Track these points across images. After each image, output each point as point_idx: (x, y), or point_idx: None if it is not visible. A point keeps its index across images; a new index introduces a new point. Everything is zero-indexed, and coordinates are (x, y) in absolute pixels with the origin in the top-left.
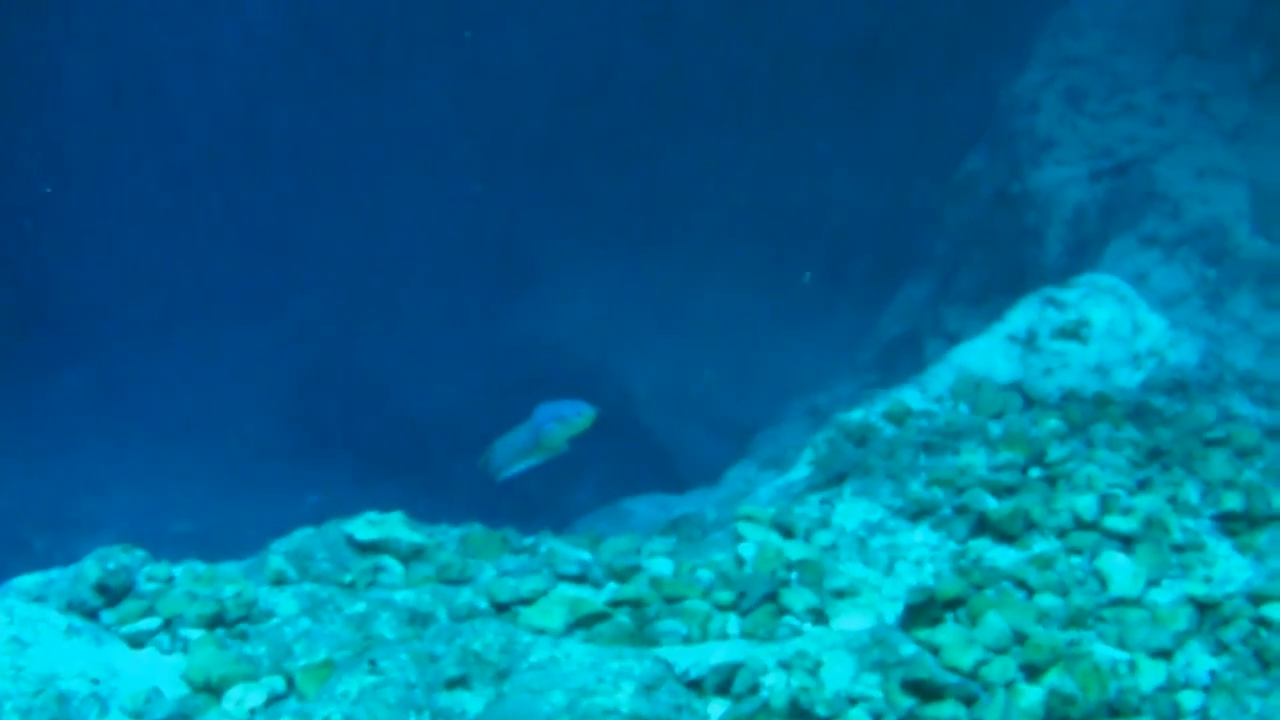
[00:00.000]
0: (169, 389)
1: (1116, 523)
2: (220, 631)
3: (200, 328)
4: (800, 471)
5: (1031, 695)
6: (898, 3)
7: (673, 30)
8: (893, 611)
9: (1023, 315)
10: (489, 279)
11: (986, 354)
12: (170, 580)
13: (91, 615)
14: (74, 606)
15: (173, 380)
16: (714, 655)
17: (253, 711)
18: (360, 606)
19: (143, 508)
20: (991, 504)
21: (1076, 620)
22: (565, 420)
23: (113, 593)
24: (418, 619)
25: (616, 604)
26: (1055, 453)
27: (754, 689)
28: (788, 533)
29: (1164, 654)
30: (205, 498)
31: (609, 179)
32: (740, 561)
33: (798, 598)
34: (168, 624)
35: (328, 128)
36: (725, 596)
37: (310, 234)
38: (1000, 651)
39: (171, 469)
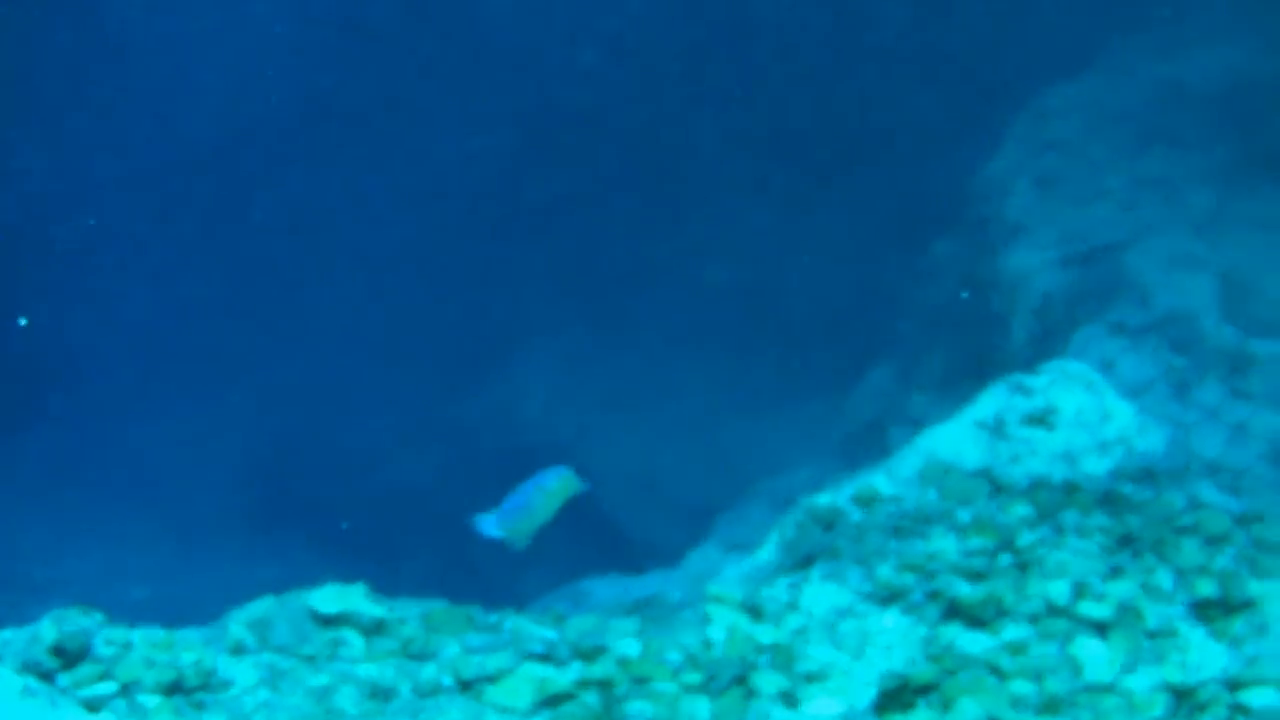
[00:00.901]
0: (130, 454)
1: (1090, 609)
2: (178, 699)
3: (163, 393)
4: (767, 554)
5: None
6: (871, 85)
7: (642, 111)
8: (864, 696)
9: (991, 401)
10: (453, 356)
11: (954, 440)
12: (128, 645)
13: (47, 677)
14: (29, 667)
15: (134, 445)
16: None
17: None
18: (322, 679)
19: (99, 571)
20: (963, 589)
21: (1051, 706)
22: (561, 480)
23: (69, 655)
24: (380, 693)
25: (584, 684)
26: (1025, 539)
27: None
28: (757, 615)
29: None
30: (163, 564)
31: (576, 259)
32: (709, 643)
33: (768, 681)
34: (125, 689)
35: (291, 205)
36: (694, 678)
37: (276, 304)
38: None
39: (130, 534)
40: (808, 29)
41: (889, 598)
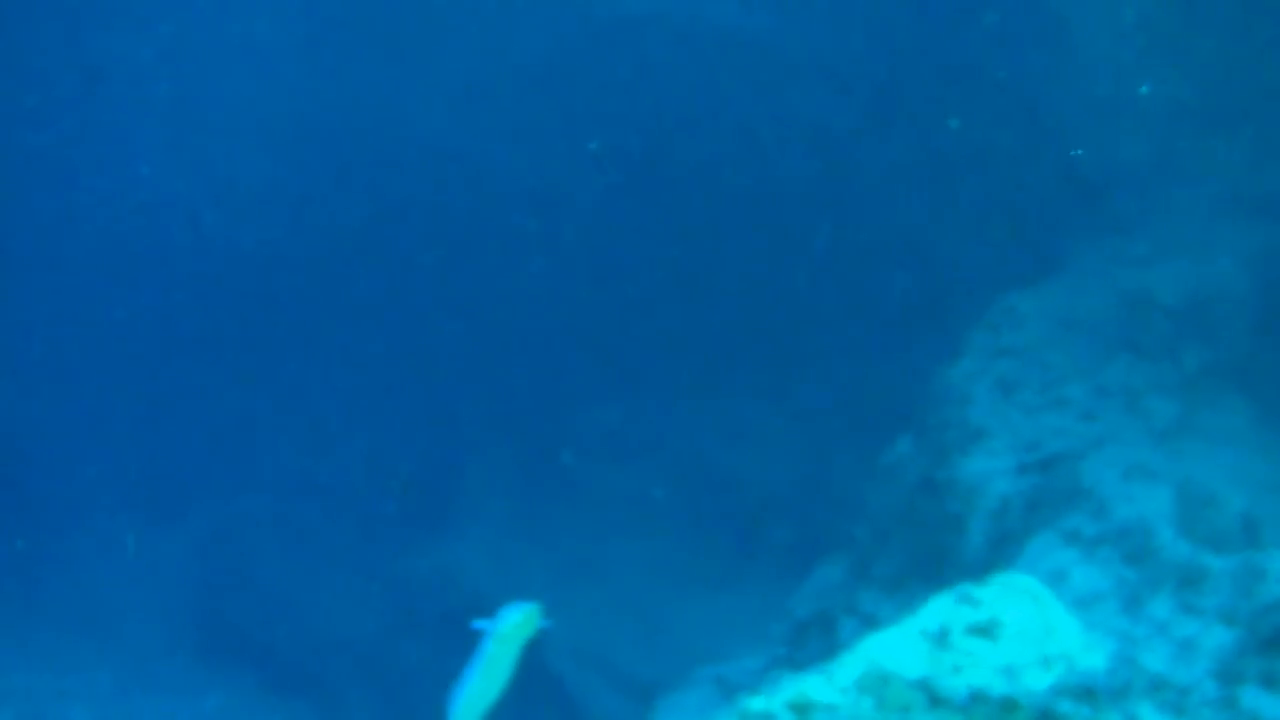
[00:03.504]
0: (76, 580)
1: None
2: None
3: (110, 521)
4: None
5: None
6: (836, 283)
7: (596, 293)
8: None
9: (936, 611)
10: (400, 510)
11: (896, 647)
12: None
13: None
14: None
15: (81, 572)
16: None
17: None
18: None
19: (42, 694)
20: None
21: None
22: (511, 626)
23: None
24: None
25: None
26: None
27: None
28: None
29: None
30: (105, 690)
31: (524, 424)
32: None
33: None
34: None
35: (242, 361)
36: None
37: (226, 441)
38: None
39: (73, 658)
40: (777, 229)
41: None
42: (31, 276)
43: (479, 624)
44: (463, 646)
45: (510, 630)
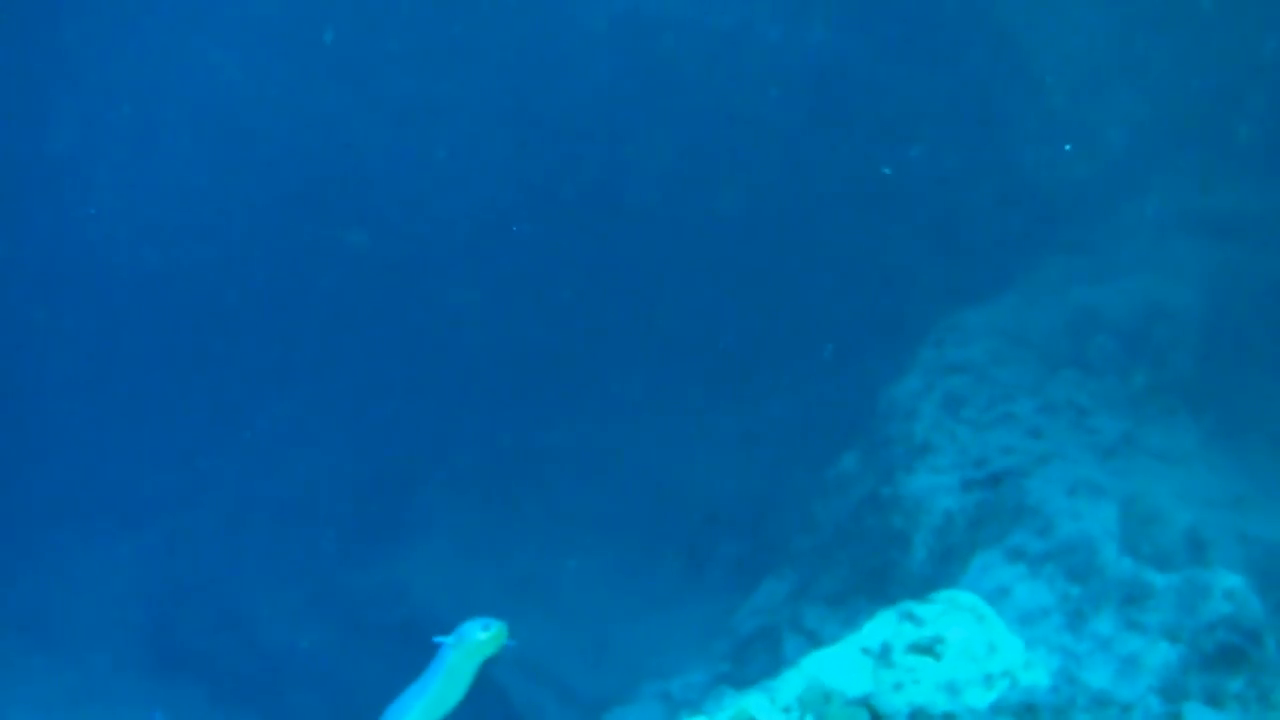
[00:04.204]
0: (27, 591)
1: None
2: None
3: (61, 532)
4: None
5: None
6: (785, 296)
7: (546, 304)
8: None
9: (878, 628)
10: (349, 529)
11: (839, 664)
12: None
13: None
14: None
15: (32, 583)
16: None
17: None
18: None
19: None
20: None
21: None
22: (469, 642)
23: None
24: None
25: None
26: None
27: None
28: None
29: None
30: (55, 699)
31: (476, 441)
32: None
33: None
34: None
35: (194, 377)
36: None
37: (178, 455)
38: None
39: (24, 668)
40: (727, 246)
41: None
42: None
43: (441, 639)
44: (413, 660)
45: (474, 646)
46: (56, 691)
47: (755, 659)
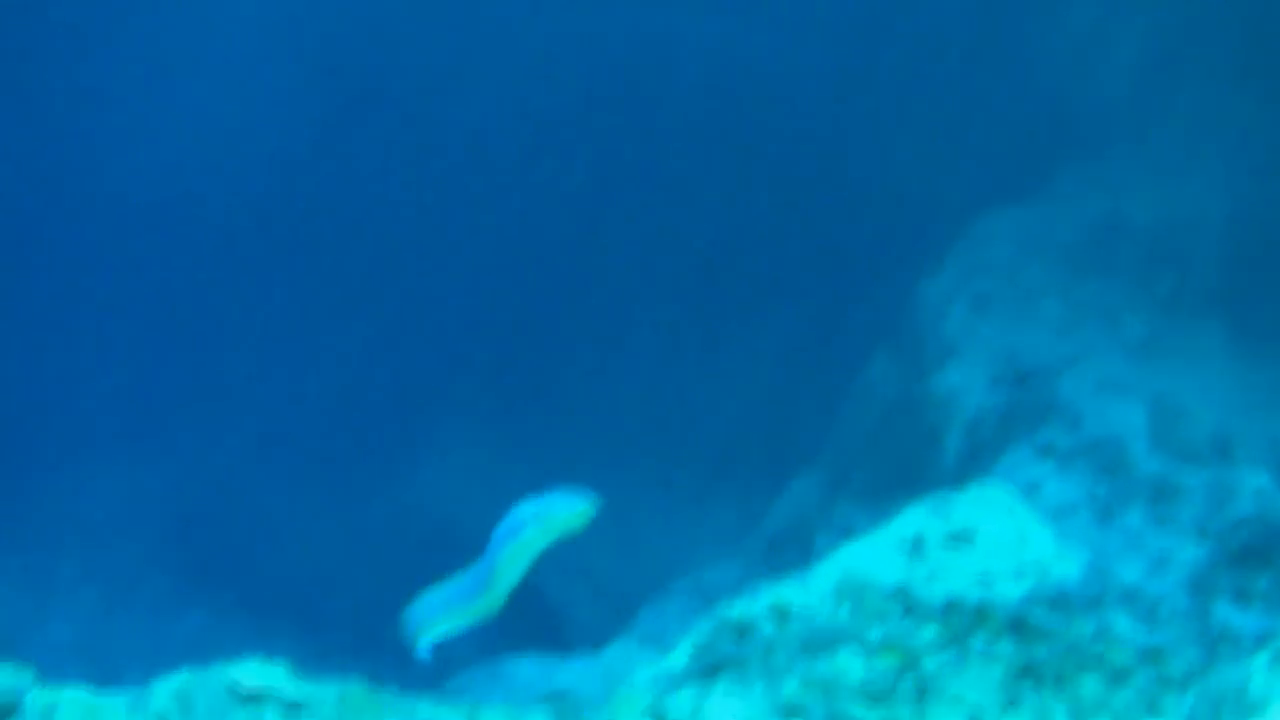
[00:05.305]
0: (58, 502)
1: None
2: None
3: (90, 443)
4: (679, 659)
5: None
6: (813, 199)
7: (564, 215)
8: None
9: (911, 520)
10: (378, 434)
11: (872, 556)
12: (54, 707)
13: None
14: None
15: (63, 494)
16: None
17: None
18: None
19: (25, 610)
20: (860, 712)
21: None
22: (553, 517)
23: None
24: None
25: None
26: (930, 663)
27: None
28: None
29: None
30: (88, 610)
31: (499, 352)
32: None
33: None
34: None
35: (215, 291)
36: None
37: (204, 368)
38: None
39: (56, 579)
40: (753, 139)
41: (789, 716)
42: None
43: (523, 507)
44: (440, 564)
45: (556, 522)
46: (90, 603)
47: (787, 554)
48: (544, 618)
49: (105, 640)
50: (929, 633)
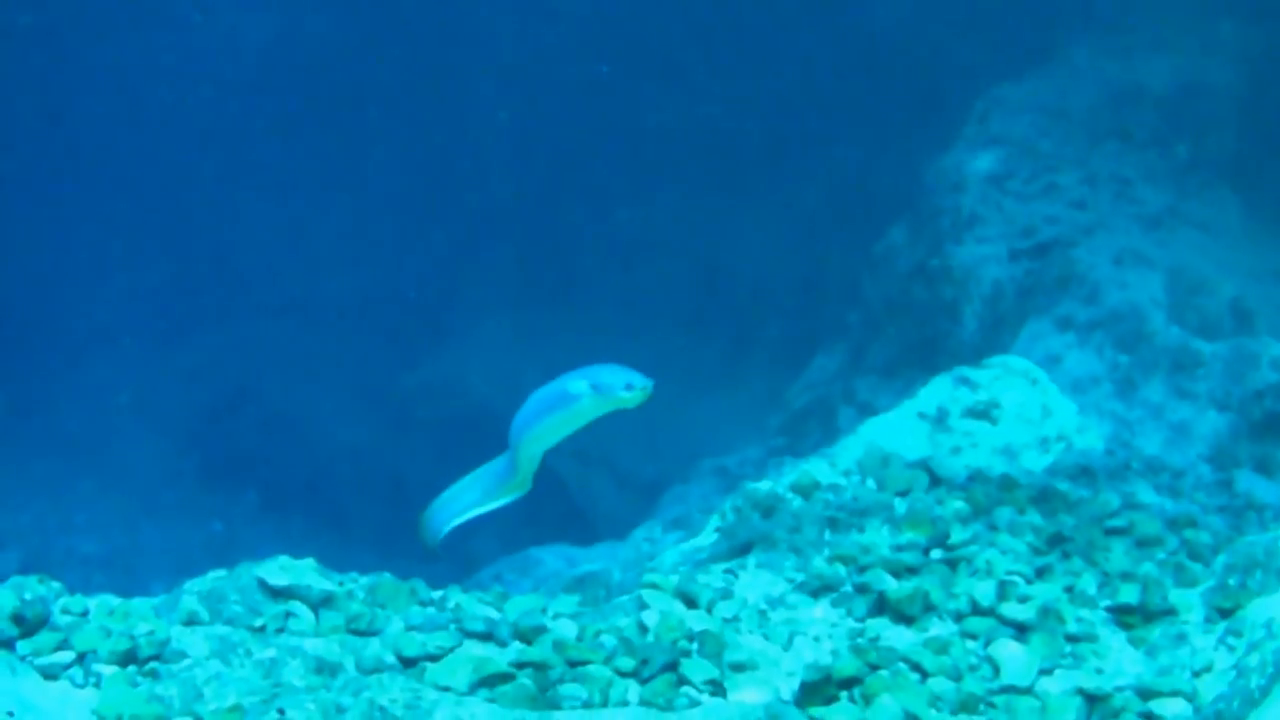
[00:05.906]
0: (77, 411)
1: (1012, 610)
2: (132, 669)
3: (109, 351)
4: (706, 539)
5: None
6: (828, 75)
7: (587, 96)
8: (789, 687)
9: (934, 393)
10: (402, 322)
11: (896, 430)
12: (85, 614)
13: (7, 645)
14: None
15: (81, 403)
16: None
17: None
18: (270, 652)
19: (49, 527)
20: (891, 584)
21: (967, 706)
22: (610, 395)
23: (29, 624)
24: (326, 669)
25: (521, 665)
26: (958, 535)
27: None
28: (691, 602)
29: None
30: (112, 521)
31: (521, 235)
32: (643, 628)
33: (697, 669)
34: (81, 658)
35: (235, 176)
36: (627, 663)
37: (224, 266)
38: None
39: (78, 490)
40: (762, 20)
41: (820, 589)
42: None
43: (570, 379)
44: (463, 456)
45: (612, 400)
46: (112, 513)
47: (810, 432)
48: (566, 508)
49: (129, 553)
50: (955, 505)
